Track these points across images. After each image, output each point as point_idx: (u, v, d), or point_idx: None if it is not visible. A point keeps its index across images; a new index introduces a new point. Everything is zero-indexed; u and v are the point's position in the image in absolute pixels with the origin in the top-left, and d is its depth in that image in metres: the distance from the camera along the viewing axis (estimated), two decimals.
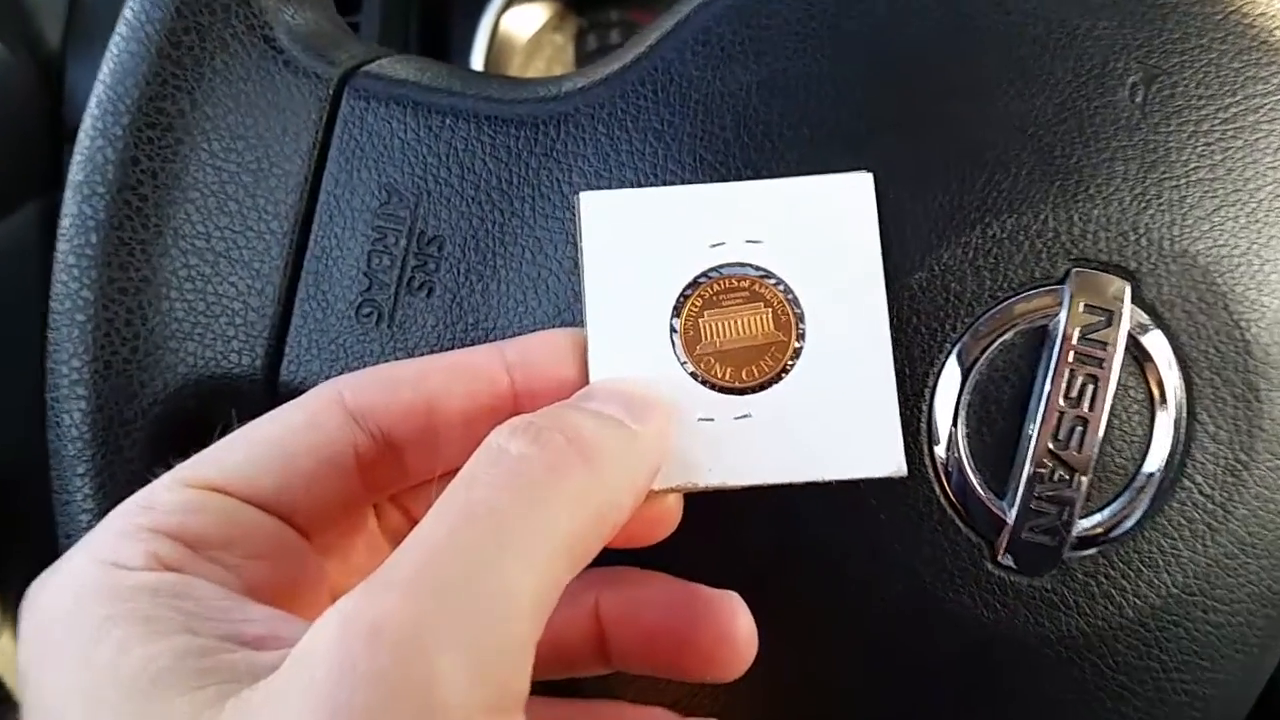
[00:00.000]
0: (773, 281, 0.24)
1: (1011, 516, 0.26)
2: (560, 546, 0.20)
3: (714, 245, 0.24)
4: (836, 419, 0.23)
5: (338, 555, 0.25)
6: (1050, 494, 0.26)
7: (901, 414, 0.24)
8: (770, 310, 0.24)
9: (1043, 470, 0.26)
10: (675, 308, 0.24)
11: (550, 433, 0.21)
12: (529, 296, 0.28)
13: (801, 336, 0.24)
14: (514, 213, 0.28)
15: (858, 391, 0.24)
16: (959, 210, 0.27)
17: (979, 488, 0.27)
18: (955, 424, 0.27)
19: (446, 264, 0.28)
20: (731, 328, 0.24)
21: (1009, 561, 0.27)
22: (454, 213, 0.28)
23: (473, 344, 0.27)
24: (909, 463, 0.23)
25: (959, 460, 0.27)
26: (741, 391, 0.23)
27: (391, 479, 0.24)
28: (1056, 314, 0.26)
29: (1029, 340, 0.27)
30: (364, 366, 0.28)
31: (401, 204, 0.29)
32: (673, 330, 0.23)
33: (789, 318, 0.24)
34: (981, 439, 0.27)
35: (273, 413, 0.24)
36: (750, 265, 0.24)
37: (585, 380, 0.24)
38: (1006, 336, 0.27)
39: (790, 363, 0.24)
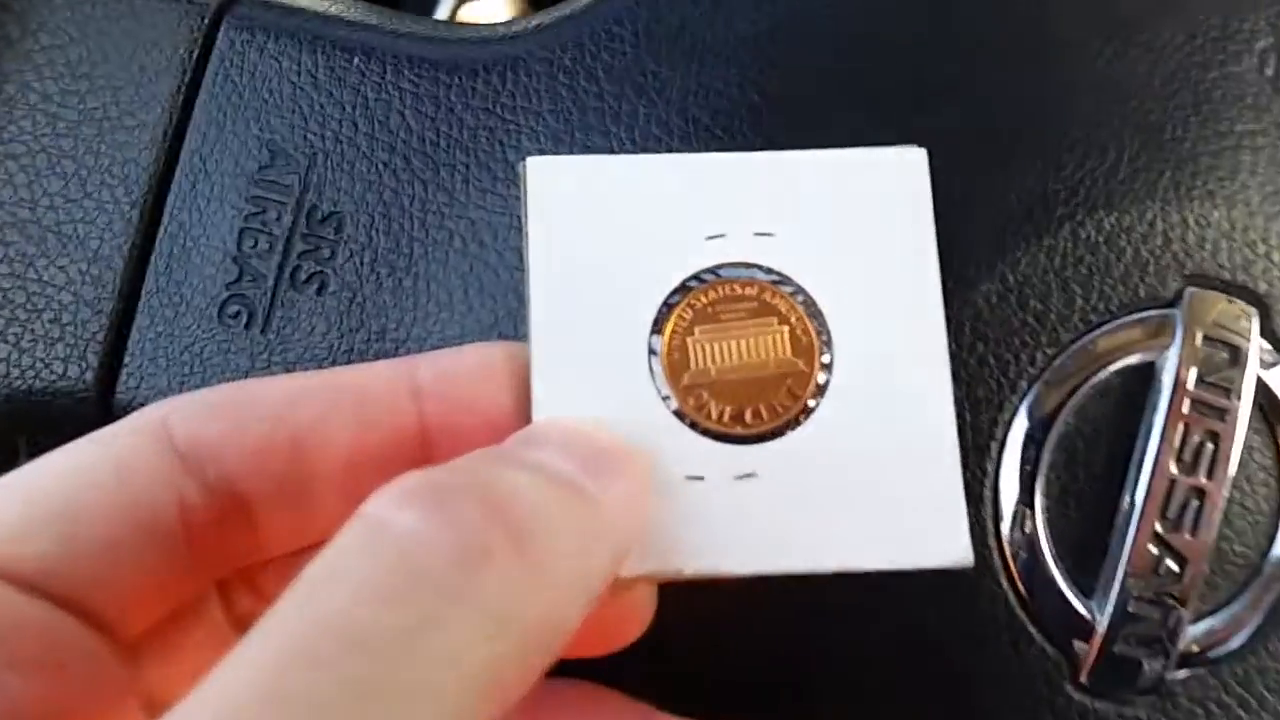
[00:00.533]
0: (789, 290, 0.19)
1: (1102, 623, 0.22)
2: (468, 688, 0.14)
3: (711, 238, 0.19)
4: (875, 484, 0.18)
5: (158, 657, 0.20)
6: (1154, 592, 0.22)
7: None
8: (786, 329, 0.19)
9: (1146, 560, 0.22)
10: (655, 321, 0.19)
11: (462, 499, 0.15)
12: (456, 299, 0.24)
13: (828, 367, 0.19)
14: (440, 185, 0.24)
15: (905, 445, 0.19)
16: (1040, 204, 0.23)
17: (1060, 582, 0.22)
18: (1030, 494, 0.22)
19: (345, 251, 0.24)
20: (732, 352, 0.19)
21: (1095, 684, 0.22)
22: (358, 182, 0.24)
23: (375, 360, 0.23)
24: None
25: (1034, 544, 0.22)
26: (744, 440, 0.18)
27: (239, 549, 0.19)
28: (1167, 348, 0.22)
29: (1128, 383, 0.22)
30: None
31: (288, 168, 0.25)
32: (651, 352, 0.19)
33: (811, 340, 0.19)
34: (1064, 515, 0.22)
35: (65, 449, 0.19)
36: (759, 266, 0.19)
37: (526, 418, 0.19)
38: (1100, 377, 0.22)
39: (812, 402, 0.19)
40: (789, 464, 0.18)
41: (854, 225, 0.19)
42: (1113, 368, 0.22)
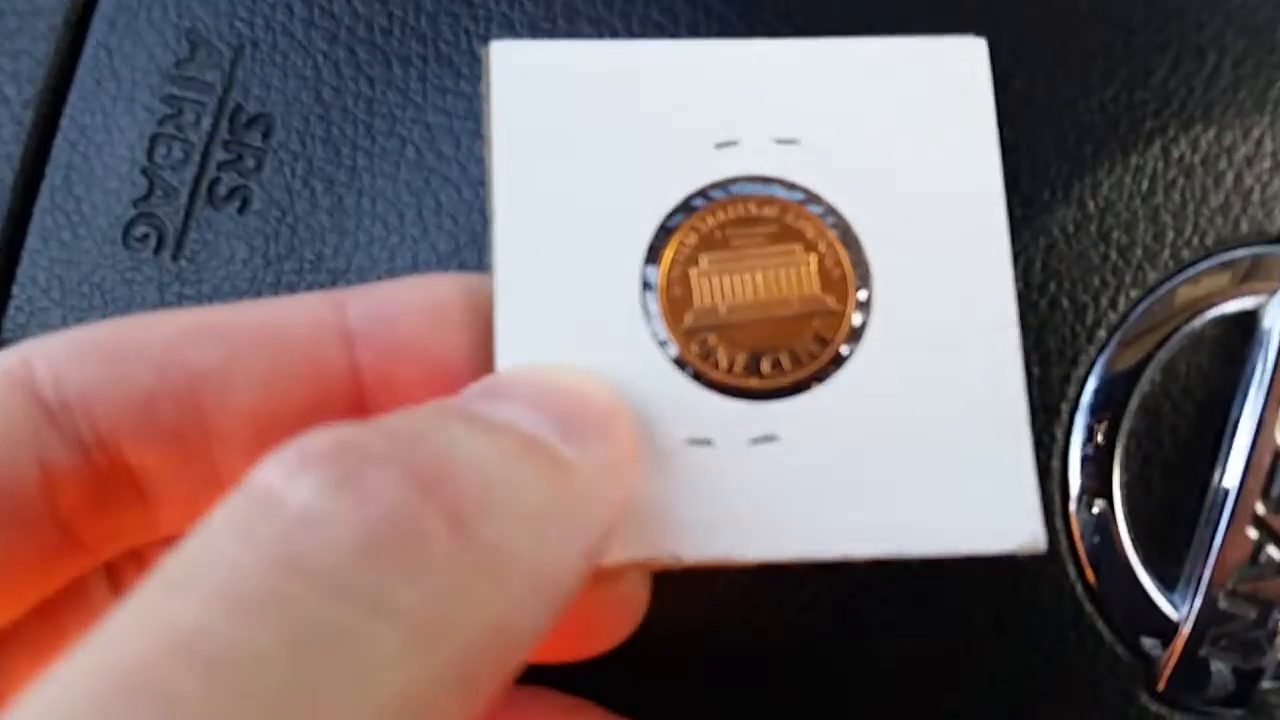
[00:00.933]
0: (818, 210, 0.16)
1: (1188, 622, 0.20)
2: None
3: (721, 145, 0.17)
4: (922, 450, 0.16)
5: (31, 647, 0.17)
6: (1250, 587, 0.20)
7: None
8: (813, 258, 0.16)
9: (1242, 547, 0.20)
10: (651, 248, 0.16)
11: (384, 466, 0.12)
12: (407, 221, 0.21)
13: (864, 305, 0.16)
14: (391, 82, 0.21)
15: (961, 403, 0.16)
16: (1126, 116, 0.20)
17: (1138, 572, 0.20)
18: (1105, 467, 0.20)
19: (274, 161, 0.21)
20: (746, 286, 0.16)
21: (1175, 692, 0.20)
22: (292, 78, 0.21)
23: (307, 292, 0.20)
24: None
25: (1108, 525, 0.20)
26: (760, 395, 0.16)
27: (126, 527, 0.17)
28: (1273, 294, 0.20)
29: (1226, 335, 0.20)
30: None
31: (210, 62, 0.22)
32: (646, 286, 0.16)
33: (844, 272, 0.16)
34: (1145, 492, 0.20)
35: None
36: (781, 181, 0.17)
37: (486, 366, 0.16)
38: (1192, 327, 0.20)
39: (845, 348, 0.16)
40: (816, 425, 0.16)
41: (899, 131, 0.17)
42: (1207, 316, 0.20)
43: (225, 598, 0.10)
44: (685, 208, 0.16)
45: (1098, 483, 0.20)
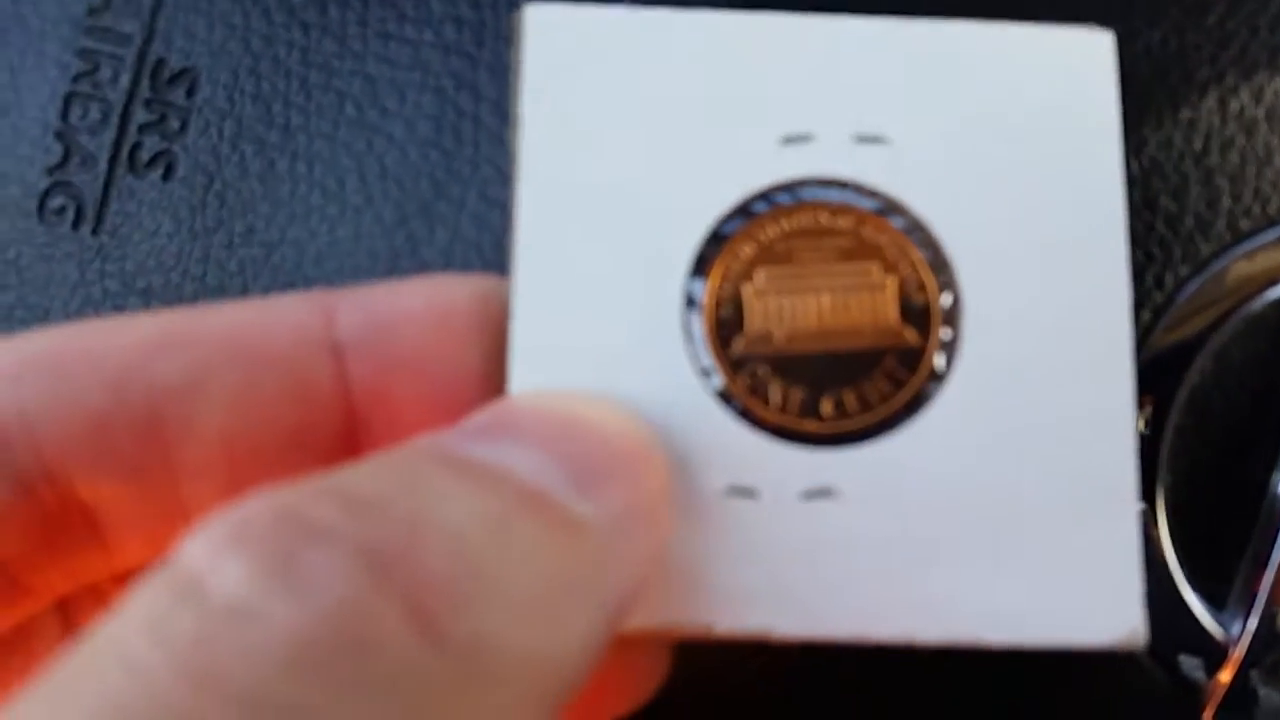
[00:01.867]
0: (902, 224, 0.14)
1: (1239, 644, 0.19)
2: None
3: (790, 140, 0.14)
4: (1008, 518, 0.14)
5: None
6: None
7: None
8: (893, 280, 0.14)
9: None
10: (699, 259, 0.14)
11: (331, 545, 0.10)
12: (349, 188, 0.19)
13: (949, 345, 0.14)
14: (327, 29, 0.19)
15: (1058, 469, 0.14)
16: (1176, 64, 0.18)
17: (1184, 590, 0.19)
18: (1149, 468, 0.19)
19: (200, 121, 0.19)
20: (810, 310, 0.14)
21: None
22: (219, 27, 0.20)
23: (259, 278, 0.19)
24: None
25: (1150, 534, 0.19)
26: (819, 441, 0.14)
27: (78, 566, 0.15)
28: None
29: None
30: (47, 308, 0.21)
31: (128, 9, 0.20)
32: (690, 303, 0.14)
33: (929, 300, 0.14)
34: (1193, 498, 0.19)
35: None
36: (860, 187, 0.14)
37: (497, 388, 0.14)
38: (1249, 309, 0.19)
39: (926, 389, 0.14)
40: (882, 480, 0.14)
41: (1006, 136, 0.15)
42: (1268, 297, 0.19)
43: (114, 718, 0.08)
44: (743, 212, 0.14)
45: (1138, 484, 0.18)
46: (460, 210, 0.18)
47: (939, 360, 0.14)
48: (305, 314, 0.15)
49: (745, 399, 0.14)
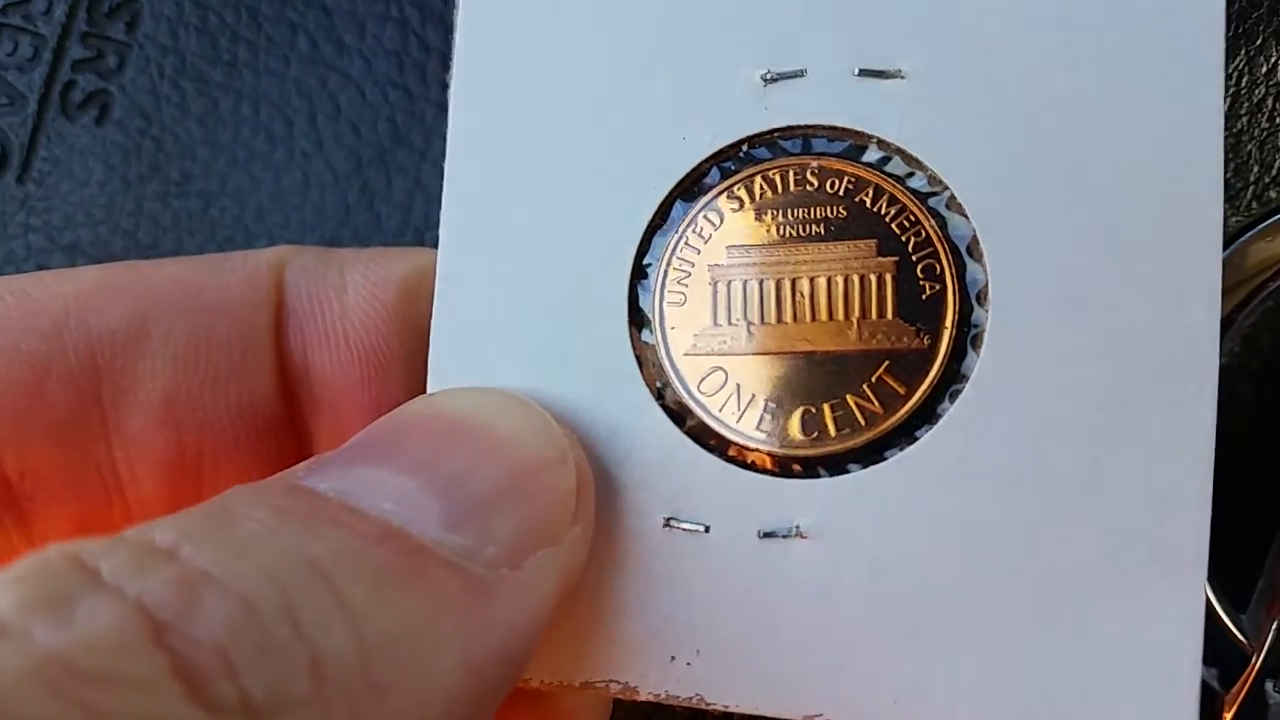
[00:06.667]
0: (919, 186, 0.11)
1: (1259, 648, 0.17)
2: None
3: (775, 78, 0.11)
4: (1033, 577, 0.10)
5: None
6: None
7: None
8: (892, 263, 0.11)
9: None
10: (650, 226, 0.11)
11: (112, 599, 0.09)
12: (297, 131, 0.17)
13: (963, 352, 0.11)
14: None
15: (1107, 521, 0.10)
16: None
17: (1206, 590, 0.16)
18: None
19: (139, 58, 0.18)
20: (788, 297, 0.11)
21: None
22: None
23: (195, 234, 0.17)
24: None
25: None
26: (788, 467, 0.11)
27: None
28: None
29: None
30: None
31: None
32: (641, 281, 0.11)
33: (943, 289, 0.11)
34: (1215, 491, 0.16)
35: None
36: (862, 134, 0.11)
37: (416, 386, 0.12)
38: (1274, 289, 0.17)
39: (931, 404, 0.11)
40: (865, 520, 0.11)
41: (1065, 72, 0.11)
42: None
43: None
44: (711, 172, 0.11)
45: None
46: (422, 159, 0.16)
47: (953, 365, 0.11)
48: (256, 269, 0.14)
49: (698, 409, 0.11)
